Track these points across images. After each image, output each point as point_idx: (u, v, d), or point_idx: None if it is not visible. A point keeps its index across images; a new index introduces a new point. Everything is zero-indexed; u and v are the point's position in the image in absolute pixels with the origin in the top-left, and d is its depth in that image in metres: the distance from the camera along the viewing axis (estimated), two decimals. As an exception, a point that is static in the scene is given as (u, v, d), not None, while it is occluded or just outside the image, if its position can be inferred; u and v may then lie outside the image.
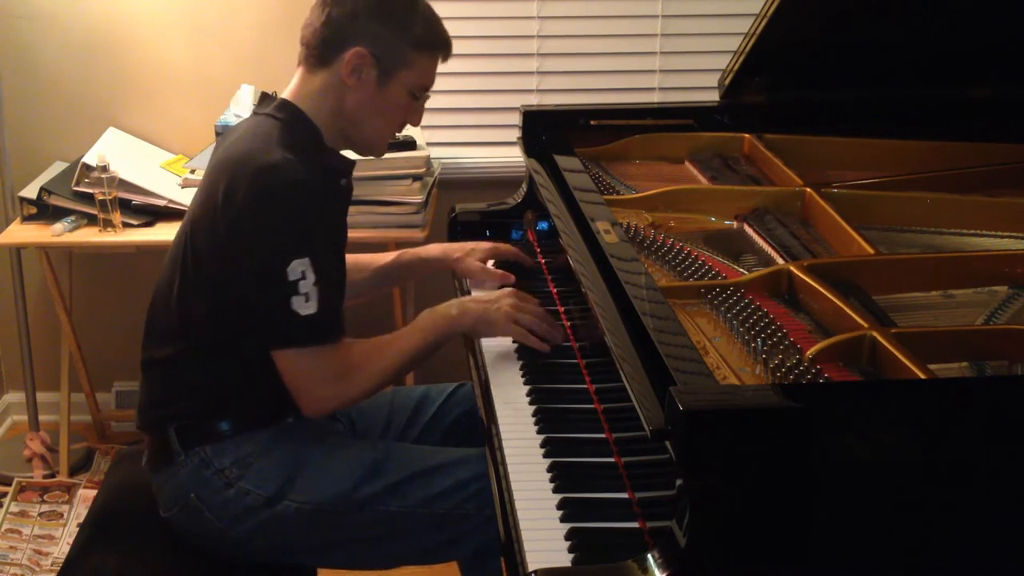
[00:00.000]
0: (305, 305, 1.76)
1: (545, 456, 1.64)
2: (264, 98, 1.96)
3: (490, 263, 2.25)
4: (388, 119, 1.93)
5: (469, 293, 2.18)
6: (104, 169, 2.90)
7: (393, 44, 1.85)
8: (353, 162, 1.99)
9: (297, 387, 1.83)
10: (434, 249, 2.30)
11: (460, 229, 2.46)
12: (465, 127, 3.31)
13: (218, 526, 1.87)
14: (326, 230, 1.85)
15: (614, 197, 2.16)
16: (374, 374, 1.88)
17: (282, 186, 1.77)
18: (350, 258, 2.23)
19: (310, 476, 1.87)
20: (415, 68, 1.88)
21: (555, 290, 2.15)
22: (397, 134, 2.02)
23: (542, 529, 1.47)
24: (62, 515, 3.02)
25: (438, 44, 1.91)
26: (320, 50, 1.87)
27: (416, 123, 1.99)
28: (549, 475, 1.59)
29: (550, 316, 1.95)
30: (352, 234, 2.87)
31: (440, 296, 2.24)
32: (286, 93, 1.92)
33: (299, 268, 1.75)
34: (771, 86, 2.39)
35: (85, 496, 3.06)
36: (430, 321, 1.93)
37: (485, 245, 2.27)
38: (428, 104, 1.99)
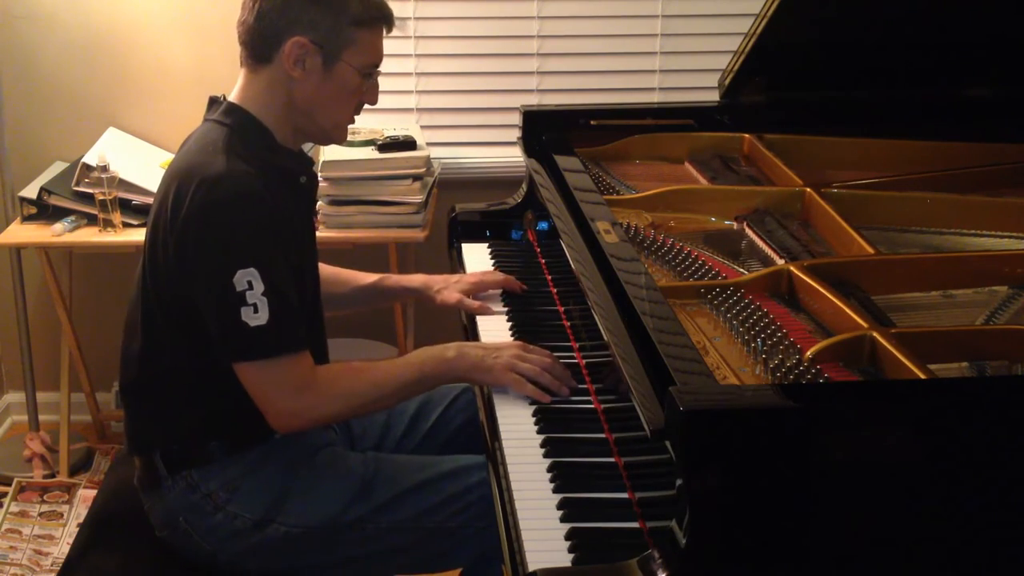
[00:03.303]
0: (254, 316, 1.70)
1: (545, 456, 1.64)
2: (212, 103, 1.89)
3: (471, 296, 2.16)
4: (342, 104, 1.86)
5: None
6: (104, 169, 2.90)
7: (332, 26, 1.78)
8: (310, 160, 1.95)
9: (259, 400, 1.77)
10: (417, 279, 2.23)
11: (460, 229, 2.46)
12: (465, 127, 3.30)
13: (208, 549, 1.85)
14: (277, 239, 1.77)
15: (614, 197, 2.16)
16: (342, 395, 1.81)
17: (225, 197, 1.72)
18: (333, 270, 2.19)
19: (298, 498, 1.84)
20: (359, 46, 1.81)
21: (555, 290, 2.15)
22: (356, 116, 1.93)
23: (542, 529, 1.46)
24: (62, 515, 3.02)
25: (378, 17, 1.83)
26: (258, 47, 1.81)
27: (373, 102, 1.90)
28: (549, 475, 1.58)
29: (560, 367, 1.82)
30: (352, 234, 2.92)
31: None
32: (232, 96, 1.86)
33: (245, 278, 1.70)
34: (771, 86, 2.39)
35: (85, 496, 3.06)
36: (423, 359, 1.86)
37: (469, 278, 2.19)
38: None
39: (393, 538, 1.84)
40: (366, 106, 1.91)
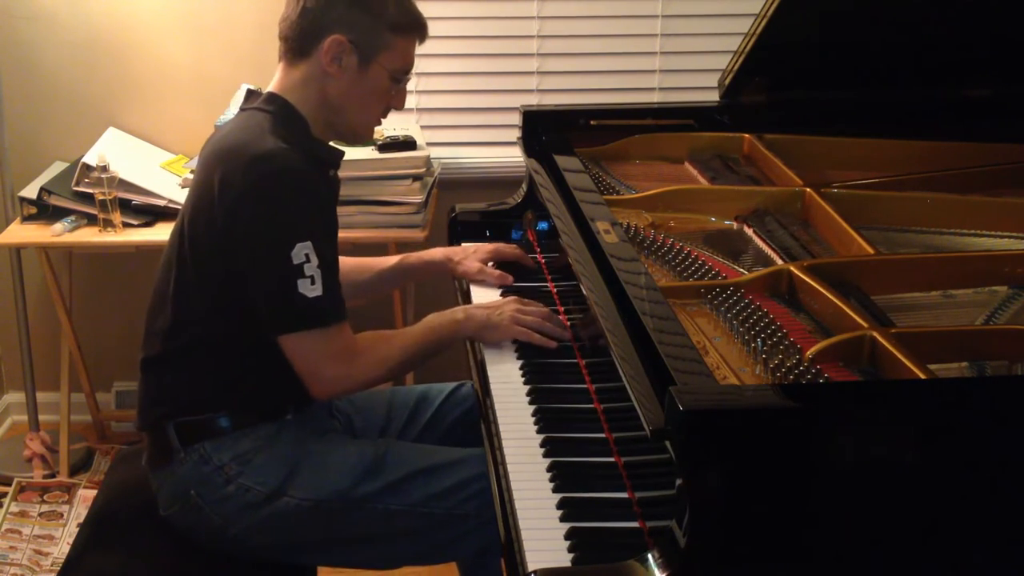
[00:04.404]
0: (311, 287, 1.78)
1: (545, 456, 1.64)
2: (251, 94, 1.97)
3: (490, 264, 2.26)
4: (372, 105, 1.94)
5: (469, 294, 2.18)
6: (104, 169, 2.90)
7: (370, 28, 1.87)
8: (342, 152, 2.01)
9: (307, 370, 1.84)
10: (436, 253, 2.32)
11: (460, 229, 2.46)
12: (465, 127, 3.30)
13: (218, 523, 1.87)
14: (323, 216, 1.87)
15: (614, 197, 2.16)
16: (380, 361, 1.90)
17: (279, 172, 1.79)
18: (354, 261, 2.26)
19: (310, 472, 1.87)
20: (394, 50, 1.90)
21: (555, 290, 2.15)
22: (383, 119, 2.01)
23: (542, 529, 1.46)
24: (62, 515, 3.02)
25: (414, 25, 1.93)
26: (299, 42, 1.88)
27: (400, 107, 1.99)
28: (549, 475, 1.58)
29: (555, 316, 1.98)
30: (352, 234, 2.92)
31: (440, 297, 2.24)
32: (271, 88, 1.93)
33: (303, 251, 1.77)
34: (771, 86, 2.39)
35: (85, 496, 3.06)
36: (437, 323, 1.96)
37: (487, 247, 2.29)
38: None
39: (401, 521, 1.86)
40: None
